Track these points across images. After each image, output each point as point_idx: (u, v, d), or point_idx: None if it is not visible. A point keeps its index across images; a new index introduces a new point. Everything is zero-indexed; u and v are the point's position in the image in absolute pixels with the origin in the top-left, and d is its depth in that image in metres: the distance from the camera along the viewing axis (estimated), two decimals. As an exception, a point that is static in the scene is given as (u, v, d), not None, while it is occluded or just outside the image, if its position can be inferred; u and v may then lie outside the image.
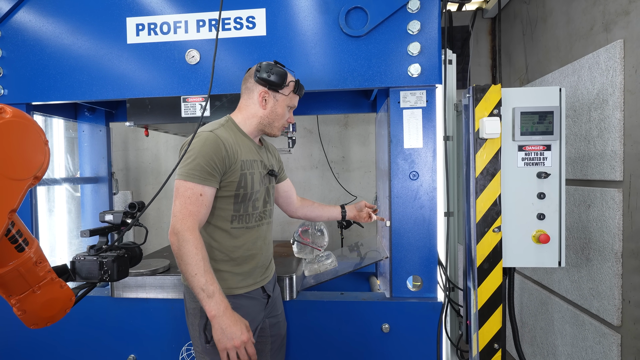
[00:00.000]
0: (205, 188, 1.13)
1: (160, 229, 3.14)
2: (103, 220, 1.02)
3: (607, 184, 1.54)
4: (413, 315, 1.47)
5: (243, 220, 1.24)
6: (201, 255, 1.08)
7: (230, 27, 1.50)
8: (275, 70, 1.22)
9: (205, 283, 1.06)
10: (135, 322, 1.60)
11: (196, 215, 1.11)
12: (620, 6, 1.47)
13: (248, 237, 1.25)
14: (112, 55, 1.56)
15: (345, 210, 1.61)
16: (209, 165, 1.13)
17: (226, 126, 1.24)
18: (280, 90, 1.25)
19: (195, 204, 1.12)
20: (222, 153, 1.15)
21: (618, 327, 1.49)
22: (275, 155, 1.45)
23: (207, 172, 1.13)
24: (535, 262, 1.33)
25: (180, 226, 1.10)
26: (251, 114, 1.27)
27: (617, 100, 1.46)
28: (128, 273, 0.98)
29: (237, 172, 1.19)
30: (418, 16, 1.42)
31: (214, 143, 1.14)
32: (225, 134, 1.19)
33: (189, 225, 1.10)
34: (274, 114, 1.27)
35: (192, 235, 1.09)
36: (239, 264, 1.24)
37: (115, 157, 3.10)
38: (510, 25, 2.47)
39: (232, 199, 1.21)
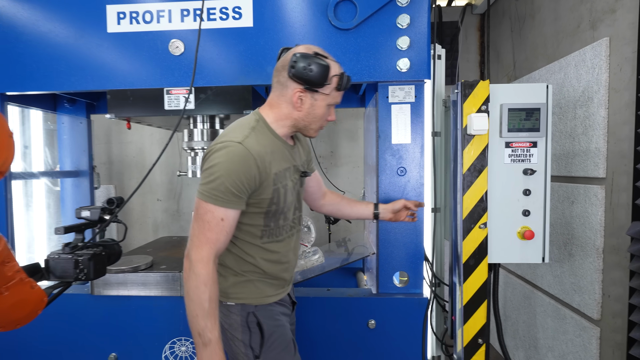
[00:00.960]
0: (228, 212, 0.98)
1: (144, 224, 3.08)
2: (79, 217, 0.98)
3: (590, 180, 1.56)
4: (399, 311, 1.47)
5: (274, 234, 1.12)
6: (208, 295, 0.95)
7: (216, 18, 1.46)
8: (315, 65, 0.99)
9: (204, 329, 0.95)
10: (117, 320, 1.56)
11: (214, 243, 0.97)
12: (607, 4, 1.48)
13: (280, 249, 1.14)
14: (91, 45, 1.50)
15: (379, 212, 1.38)
16: (235, 186, 0.97)
17: (257, 129, 1.05)
18: (320, 89, 1.04)
19: (215, 230, 0.97)
20: (253, 172, 0.99)
21: (598, 320, 1.53)
22: (305, 147, 1.27)
23: (232, 194, 0.97)
24: (519, 258, 1.34)
25: (194, 255, 0.97)
26: (284, 114, 1.08)
27: (602, 98, 1.47)
28: (106, 272, 0.95)
29: (269, 188, 1.03)
30: (408, 10, 1.41)
31: (244, 160, 0.97)
32: (256, 145, 1.01)
33: (204, 256, 0.96)
34: (312, 116, 1.08)
35: (205, 269, 0.96)
36: (272, 276, 1.14)
37: (98, 150, 3.02)
38: (499, 21, 2.48)
39: (262, 214, 1.07)
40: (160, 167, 3.02)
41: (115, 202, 1.00)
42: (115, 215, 0.98)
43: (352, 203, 1.44)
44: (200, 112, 1.49)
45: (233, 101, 1.47)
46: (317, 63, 1.00)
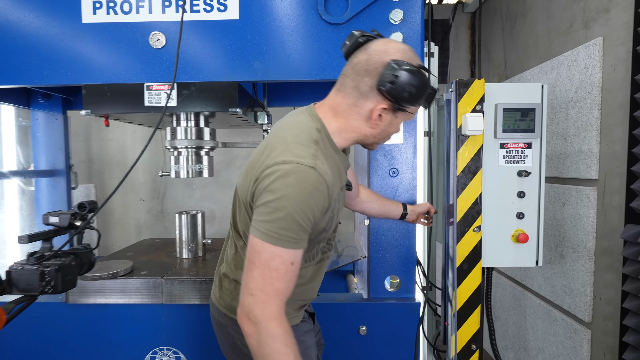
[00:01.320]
0: (297, 253, 0.79)
1: (127, 225, 2.97)
2: (47, 223, 0.89)
3: (582, 182, 1.55)
4: (391, 317, 1.43)
5: (311, 258, 0.98)
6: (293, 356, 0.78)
7: (200, 9, 1.37)
8: (418, 83, 0.80)
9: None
10: (94, 330, 1.47)
11: (284, 293, 0.79)
12: (601, 3, 1.46)
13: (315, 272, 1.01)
14: (65, 36, 1.40)
15: (407, 213, 1.34)
16: (307, 222, 0.78)
17: (320, 143, 0.85)
18: (408, 109, 0.86)
19: (284, 279, 0.78)
20: (326, 203, 0.81)
21: (589, 323, 1.52)
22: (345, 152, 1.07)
23: (303, 231, 0.79)
24: (513, 261, 1.31)
25: (261, 313, 0.76)
26: (351, 127, 0.89)
27: (595, 98, 1.46)
28: (76, 283, 0.87)
29: (326, 217, 0.87)
30: (401, 5, 1.35)
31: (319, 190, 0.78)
32: (328, 169, 0.82)
33: (275, 312, 0.77)
34: (384, 133, 0.91)
35: (281, 326, 0.77)
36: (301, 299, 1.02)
37: (77, 148, 2.89)
38: (490, 20, 2.46)
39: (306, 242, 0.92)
40: (143, 165, 2.91)
41: (88, 206, 0.92)
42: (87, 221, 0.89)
43: (383, 200, 1.34)
44: (183, 109, 1.41)
45: (218, 98, 1.40)
46: (422, 81, 0.80)
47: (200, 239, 1.83)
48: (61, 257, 0.87)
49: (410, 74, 0.79)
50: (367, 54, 0.84)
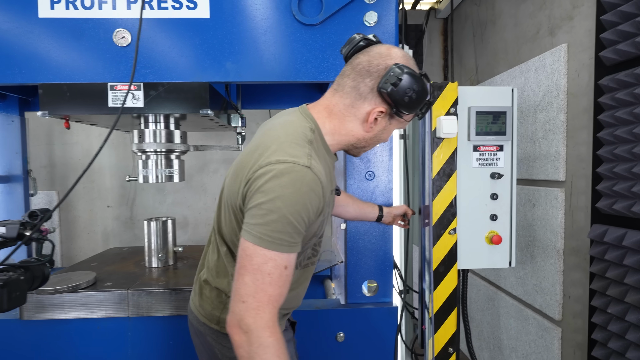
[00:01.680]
0: (291, 257, 0.75)
1: (92, 233, 2.81)
2: (-7, 234, 0.81)
3: (551, 183, 1.60)
4: (369, 322, 1.41)
5: (297, 264, 0.93)
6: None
7: (168, 6, 1.32)
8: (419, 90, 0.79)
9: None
10: (52, 348, 1.36)
11: (277, 300, 0.74)
12: (565, 11, 1.52)
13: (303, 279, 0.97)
14: (19, 31, 1.30)
15: (383, 215, 1.32)
16: (301, 224, 0.74)
17: (314, 143, 0.82)
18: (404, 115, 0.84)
19: (277, 284, 0.73)
20: (320, 204, 0.77)
21: (559, 321, 1.56)
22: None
23: (298, 234, 0.75)
24: (487, 263, 1.33)
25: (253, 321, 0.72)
26: (346, 129, 0.86)
27: (561, 102, 1.51)
28: (25, 299, 0.79)
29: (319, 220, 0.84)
30: (375, 7, 1.35)
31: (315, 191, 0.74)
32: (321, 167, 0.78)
33: (268, 320, 0.72)
34: (376, 139, 0.89)
35: (274, 336, 0.72)
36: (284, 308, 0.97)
37: (38, 152, 2.71)
38: (462, 26, 2.52)
39: None
40: (110, 170, 2.77)
41: (40, 215, 0.84)
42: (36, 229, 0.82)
43: (358, 203, 1.31)
44: (150, 110, 1.34)
45: (188, 99, 1.34)
46: (423, 88, 0.80)
47: (171, 246, 1.74)
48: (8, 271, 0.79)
49: (412, 78, 0.78)
50: (369, 55, 0.83)
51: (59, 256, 2.75)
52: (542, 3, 1.67)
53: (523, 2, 1.82)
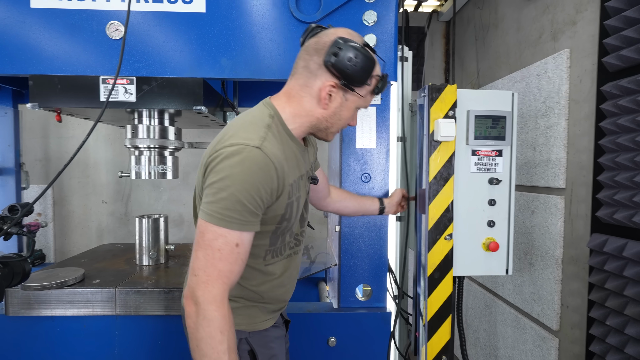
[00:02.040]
0: (243, 235, 0.78)
1: (87, 229, 2.78)
2: (-30, 228, 0.78)
3: (550, 190, 1.57)
4: (361, 327, 1.38)
5: (278, 253, 0.96)
6: (227, 345, 0.76)
7: (163, 0, 1.29)
8: (362, 59, 0.83)
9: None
10: (37, 345, 1.33)
11: (227, 276, 0.77)
12: (568, 16, 1.49)
13: (282, 269, 0.98)
14: (10, 21, 1.28)
15: (385, 207, 1.32)
16: (252, 203, 0.77)
17: (272, 128, 0.85)
18: (357, 89, 0.88)
19: (228, 260, 0.77)
20: (274, 184, 0.80)
21: (556, 331, 1.52)
22: (312, 148, 1.08)
23: (250, 213, 0.78)
24: (484, 270, 1.30)
25: (202, 294, 0.75)
26: (305, 110, 0.89)
27: (563, 108, 1.48)
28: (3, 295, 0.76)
29: (283, 203, 0.86)
30: (374, 7, 1.33)
31: (264, 169, 0.78)
32: (277, 150, 0.82)
33: (216, 295, 0.76)
34: (337, 117, 0.91)
35: (219, 311, 0.76)
36: (271, 300, 0.99)
37: (33, 145, 2.68)
38: (464, 29, 2.50)
39: (269, 233, 0.91)
40: (106, 166, 2.74)
41: (20, 209, 0.81)
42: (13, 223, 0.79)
43: (357, 198, 1.31)
44: (142, 105, 1.32)
45: (182, 95, 1.31)
46: (366, 57, 0.83)
47: (163, 244, 1.71)
48: (-14, 267, 0.76)
49: (354, 49, 0.82)
50: (317, 37, 0.88)
51: (52, 251, 2.73)
52: (545, 7, 1.64)
53: (526, 6, 1.79)
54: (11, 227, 0.78)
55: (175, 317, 1.36)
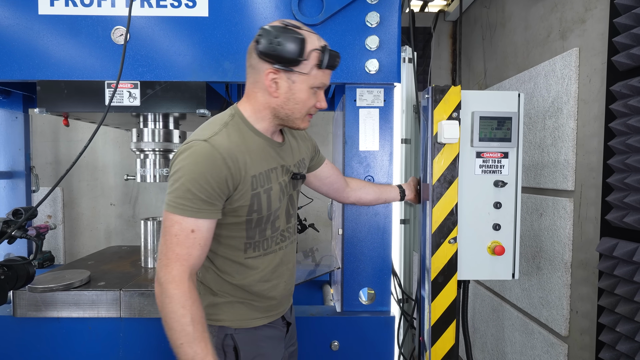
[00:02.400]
0: (198, 222, 0.85)
1: (95, 231, 2.82)
2: (-24, 231, 0.79)
3: (559, 193, 1.53)
4: (365, 332, 1.37)
5: (260, 247, 0.98)
6: (190, 317, 0.82)
7: (167, 4, 1.30)
8: (284, 38, 0.84)
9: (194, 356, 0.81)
10: (44, 346, 1.35)
11: (186, 259, 0.84)
12: (577, 14, 1.46)
13: (266, 265, 1.00)
14: (19, 28, 1.30)
15: (404, 191, 1.33)
16: (202, 191, 0.84)
17: (231, 125, 0.92)
18: (296, 68, 0.88)
19: (184, 245, 0.84)
20: (223, 173, 0.85)
21: (565, 337, 1.49)
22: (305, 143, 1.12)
23: (201, 201, 0.84)
24: (489, 274, 1.27)
25: (163, 275, 0.83)
26: (261, 104, 0.93)
27: (572, 109, 1.44)
28: (6, 298, 0.77)
29: (246, 194, 0.90)
30: (377, 8, 1.32)
31: (210, 159, 0.84)
32: (226, 142, 0.88)
33: (175, 275, 0.83)
34: (292, 102, 0.92)
35: (179, 289, 0.82)
36: (258, 297, 1.00)
37: (43, 148, 2.74)
38: (471, 29, 2.47)
39: (243, 224, 0.94)
40: (114, 169, 2.78)
41: (24, 213, 0.82)
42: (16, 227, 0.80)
43: (377, 187, 1.31)
44: (146, 109, 1.33)
45: (185, 98, 1.32)
46: (288, 35, 0.84)
47: (168, 247, 1.72)
48: (-10, 270, 0.77)
49: (274, 31, 0.85)
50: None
51: (62, 252, 2.77)
52: (554, 5, 1.61)
53: (534, 5, 1.76)
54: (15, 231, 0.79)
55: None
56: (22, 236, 0.82)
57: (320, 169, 1.22)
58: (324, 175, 1.23)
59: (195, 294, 0.85)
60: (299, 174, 1.04)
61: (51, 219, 2.73)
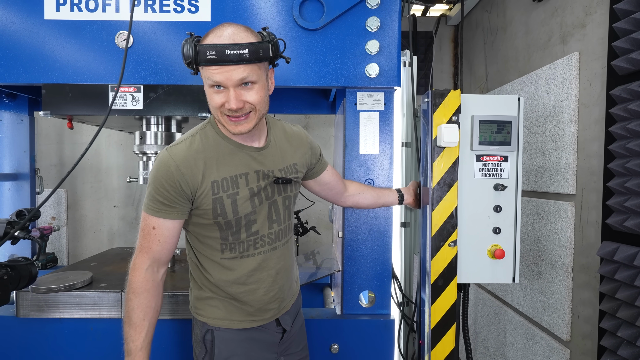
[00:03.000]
0: (159, 221, 0.96)
1: (98, 232, 2.85)
2: (-20, 232, 0.81)
3: (560, 197, 1.53)
4: (365, 334, 1.37)
5: (235, 249, 1.02)
6: (134, 304, 0.95)
7: (170, 9, 1.32)
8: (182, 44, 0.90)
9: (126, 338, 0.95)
10: (46, 346, 1.36)
11: (147, 251, 0.97)
12: (577, 19, 1.47)
13: (243, 268, 1.02)
14: (25, 32, 1.33)
15: (403, 195, 1.34)
16: (160, 194, 0.94)
17: (201, 134, 0.98)
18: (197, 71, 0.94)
19: (147, 239, 0.97)
20: (175, 179, 0.93)
21: (567, 342, 1.48)
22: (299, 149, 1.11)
23: (160, 203, 0.94)
24: (490, 278, 1.27)
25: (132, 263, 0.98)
26: None
27: (572, 113, 1.45)
28: (9, 299, 0.78)
29: (207, 197, 0.95)
30: (378, 12, 1.33)
31: (165, 167, 0.93)
32: (185, 150, 0.94)
33: (136, 264, 0.97)
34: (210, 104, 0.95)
35: (135, 276, 0.96)
36: (235, 299, 1.04)
37: (48, 151, 2.77)
38: (472, 33, 2.47)
39: (215, 226, 0.99)
40: (117, 171, 2.81)
41: (27, 214, 0.83)
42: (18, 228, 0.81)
43: (375, 190, 1.33)
44: (149, 112, 1.34)
45: (187, 102, 1.34)
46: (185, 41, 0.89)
47: (170, 249, 1.73)
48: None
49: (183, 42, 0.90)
50: None
51: (65, 254, 2.79)
52: (554, 10, 1.61)
53: (535, 10, 1.76)
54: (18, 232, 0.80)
55: (181, 322, 1.37)
56: (25, 237, 0.83)
57: (324, 174, 1.23)
58: (325, 181, 1.24)
59: (151, 284, 0.96)
60: (282, 178, 1.03)
61: (55, 220, 2.76)
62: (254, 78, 0.89)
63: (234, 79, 0.87)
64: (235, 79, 0.86)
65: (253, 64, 0.87)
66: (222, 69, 0.86)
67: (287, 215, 1.08)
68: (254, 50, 0.85)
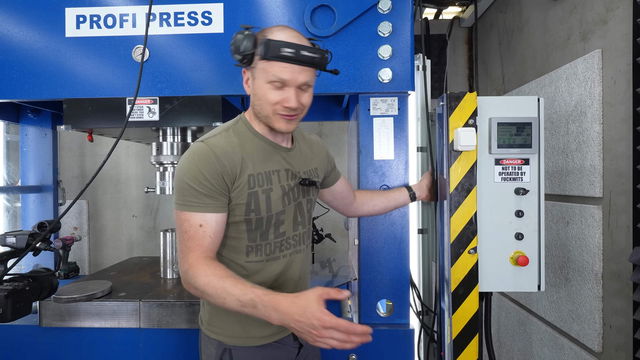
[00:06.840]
0: (205, 216, 0.89)
1: (118, 242, 2.91)
2: (4, 244, 0.83)
3: (586, 200, 1.46)
4: (383, 345, 1.33)
5: (262, 251, 0.98)
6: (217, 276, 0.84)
7: (184, 22, 1.35)
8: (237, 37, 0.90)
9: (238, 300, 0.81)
10: (68, 356, 1.39)
11: (197, 249, 0.89)
12: (598, 15, 1.42)
13: (269, 272, 0.99)
14: (47, 50, 1.38)
15: (414, 192, 1.30)
16: (201, 186, 0.88)
17: (233, 129, 0.97)
18: (252, 64, 0.92)
19: (195, 239, 0.88)
20: (217, 169, 0.89)
21: (599, 353, 1.40)
22: (318, 156, 1.12)
23: (204, 195, 0.88)
24: (513, 286, 1.22)
25: (183, 269, 0.88)
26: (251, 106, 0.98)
27: (596, 112, 1.39)
28: (30, 309, 0.80)
29: (243, 191, 0.92)
30: (389, 17, 1.32)
31: (204, 157, 0.89)
32: (223, 142, 0.92)
33: (191, 262, 0.88)
34: (256, 98, 0.94)
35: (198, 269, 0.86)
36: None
37: (70, 163, 2.86)
38: (487, 34, 2.43)
39: (243, 225, 0.95)
40: (136, 181, 2.87)
41: (49, 226, 0.85)
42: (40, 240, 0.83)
43: (383, 194, 1.30)
44: (165, 124, 1.37)
45: (201, 112, 1.36)
46: (243, 34, 0.90)
47: (186, 258, 1.75)
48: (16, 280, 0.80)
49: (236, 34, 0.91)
50: None
51: (86, 263, 2.86)
52: (573, 7, 1.57)
53: (552, 8, 1.72)
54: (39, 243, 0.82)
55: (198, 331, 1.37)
56: (46, 248, 0.85)
57: (337, 184, 1.23)
58: (338, 191, 1.24)
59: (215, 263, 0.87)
60: (307, 179, 1.03)
61: (77, 230, 2.83)
62: (311, 82, 0.94)
63: (299, 80, 0.90)
64: (301, 80, 0.90)
65: (313, 69, 0.92)
66: (293, 68, 0.88)
67: (309, 218, 1.08)
68: (321, 57, 0.91)
